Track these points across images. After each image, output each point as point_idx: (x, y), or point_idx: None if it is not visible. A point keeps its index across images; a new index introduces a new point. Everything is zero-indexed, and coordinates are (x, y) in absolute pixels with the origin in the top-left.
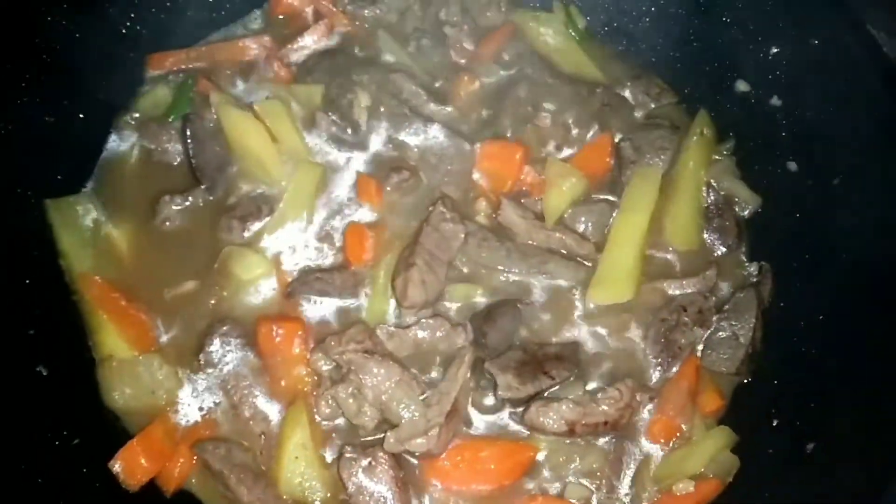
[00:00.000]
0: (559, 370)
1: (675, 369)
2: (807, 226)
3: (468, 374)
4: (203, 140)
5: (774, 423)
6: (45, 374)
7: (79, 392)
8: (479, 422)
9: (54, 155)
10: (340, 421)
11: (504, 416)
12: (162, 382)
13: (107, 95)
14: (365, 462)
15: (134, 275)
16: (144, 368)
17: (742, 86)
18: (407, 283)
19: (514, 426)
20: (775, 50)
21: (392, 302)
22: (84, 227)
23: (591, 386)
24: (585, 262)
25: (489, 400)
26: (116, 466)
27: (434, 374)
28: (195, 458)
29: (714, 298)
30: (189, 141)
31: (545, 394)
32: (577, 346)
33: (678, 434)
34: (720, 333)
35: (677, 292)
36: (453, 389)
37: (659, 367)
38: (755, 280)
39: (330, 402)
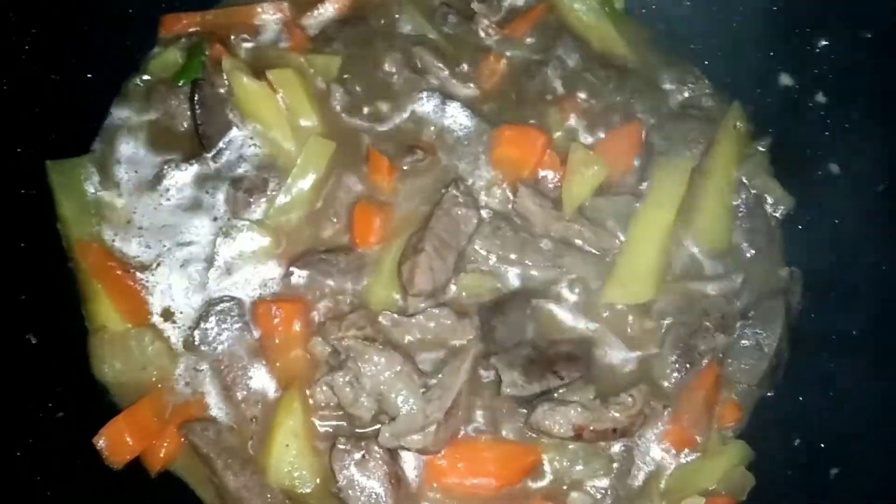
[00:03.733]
0: (569, 370)
1: (692, 376)
2: (845, 233)
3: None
4: (212, 107)
5: (796, 443)
6: (34, 342)
7: (68, 363)
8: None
9: (58, 115)
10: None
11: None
12: (152, 358)
13: (116, 56)
14: (358, 455)
15: (133, 243)
16: (136, 342)
17: (785, 79)
18: (414, 269)
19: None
20: (824, 43)
21: (397, 288)
22: (85, 192)
23: (603, 389)
24: (604, 257)
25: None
26: (101, 443)
27: (436, 368)
28: (183, 438)
29: (739, 304)
30: (197, 107)
31: (554, 394)
32: (590, 345)
33: (692, 446)
34: (743, 342)
35: (700, 294)
36: (455, 385)
37: (676, 373)
38: (784, 287)
39: (325, 389)
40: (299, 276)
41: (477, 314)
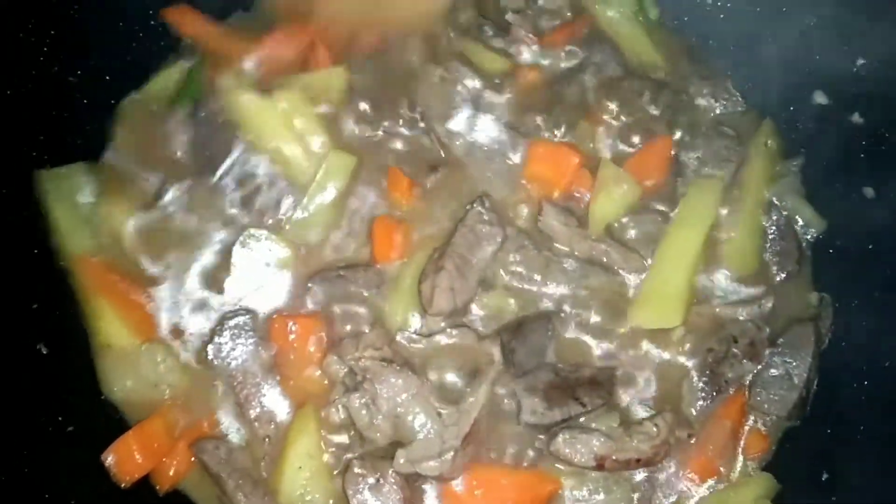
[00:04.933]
0: (592, 397)
1: (718, 404)
2: (879, 259)
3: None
4: (214, 125)
5: (824, 478)
6: (44, 352)
7: (79, 375)
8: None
9: (60, 125)
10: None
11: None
12: (165, 375)
13: (118, 69)
14: (372, 479)
15: (140, 256)
16: (147, 359)
17: (820, 98)
18: (434, 288)
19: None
20: (862, 61)
21: (417, 307)
22: (80, 203)
23: (626, 416)
24: (630, 279)
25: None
26: (109, 459)
27: (455, 391)
28: (193, 457)
29: (768, 330)
30: (199, 126)
31: (578, 421)
32: (614, 371)
33: (715, 476)
34: (772, 371)
35: (728, 320)
36: (474, 409)
37: (702, 401)
38: (814, 313)
39: (341, 410)
40: (317, 291)
41: (497, 335)
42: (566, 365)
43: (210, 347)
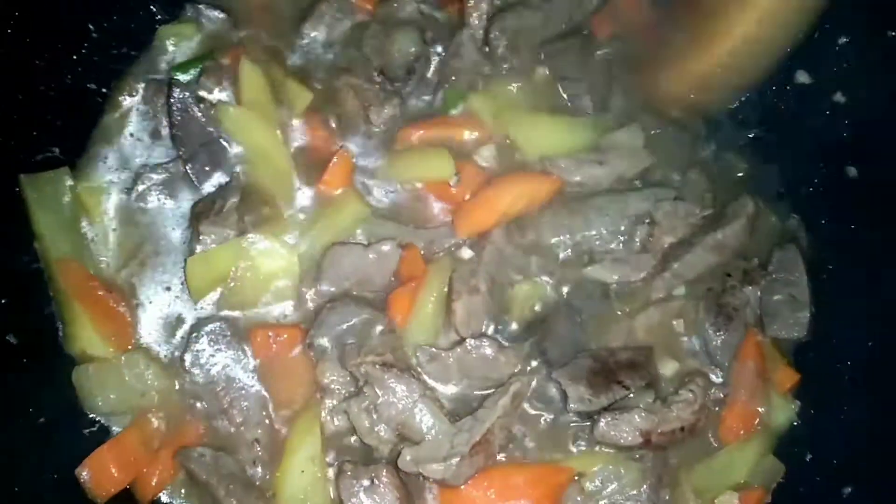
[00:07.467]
0: (633, 379)
1: (737, 337)
2: (865, 239)
3: (510, 405)
4: (192, 118)
5: (808, 458)
6: (13, 342)
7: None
8: None
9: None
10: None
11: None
12: (152, 383)
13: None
14: (366, 481)
15: (118, 260)
16: (129, 370)
17: (802, 77)
18: (469, 310)
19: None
20: (844, 39)
21: (433, 320)
22: (63, 207)
23: (660, 390)
24: None
25: None
26: (84, 474)
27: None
28: (181, 467)
29: (756, 260)
30: (176, 116)
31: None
32: (650, 351)
33: (756, 421)
34: (776, 297)
35: (715, 263)
36: (489, 419)
37: (719, 331)
38: (792, 234)
39: (337, 418)
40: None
41: (526, 343)
42: (603, 350)
43: (187, 355)
